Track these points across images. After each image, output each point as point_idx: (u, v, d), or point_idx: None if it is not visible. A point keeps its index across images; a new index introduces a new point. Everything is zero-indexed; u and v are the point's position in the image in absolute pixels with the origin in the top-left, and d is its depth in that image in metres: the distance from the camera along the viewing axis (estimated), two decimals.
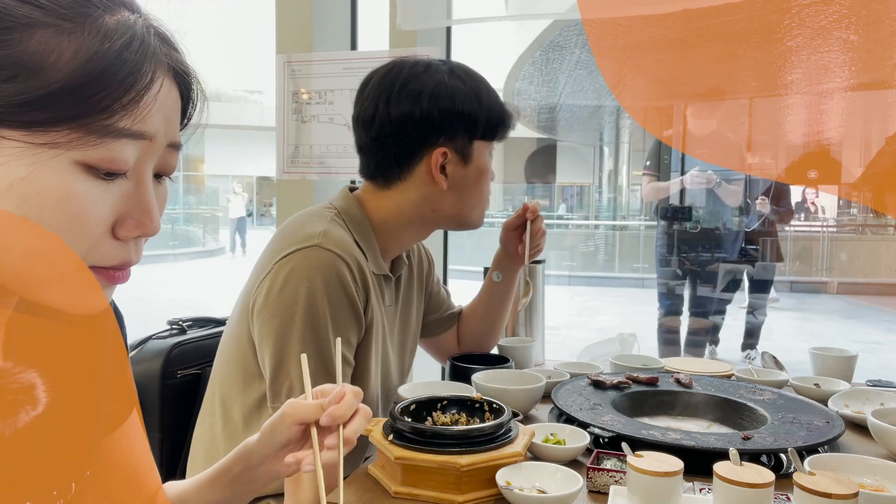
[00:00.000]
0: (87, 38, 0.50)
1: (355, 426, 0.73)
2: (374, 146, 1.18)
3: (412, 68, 1.16)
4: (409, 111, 1.14)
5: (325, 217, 1.16)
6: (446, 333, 1.51)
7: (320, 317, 1.07)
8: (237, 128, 19.00)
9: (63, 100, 0.48)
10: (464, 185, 1.19)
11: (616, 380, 1.28)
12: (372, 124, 1.16)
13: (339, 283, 1.08)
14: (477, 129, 1.17)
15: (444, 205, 1.20)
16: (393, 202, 1.20)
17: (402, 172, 1.18)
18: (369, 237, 1.19)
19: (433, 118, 1.14)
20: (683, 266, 4.07)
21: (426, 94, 1.13)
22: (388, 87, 1.15)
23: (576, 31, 6.43)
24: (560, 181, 17.71)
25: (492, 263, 1.47)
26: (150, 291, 9.40)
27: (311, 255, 1.08)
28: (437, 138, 1.15)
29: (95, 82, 0.49)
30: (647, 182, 4.26)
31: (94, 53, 0.49)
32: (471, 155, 1.19)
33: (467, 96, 1.15)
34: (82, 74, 0.49)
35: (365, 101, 1.17)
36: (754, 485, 0.77)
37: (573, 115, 13.06)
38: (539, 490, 0.90)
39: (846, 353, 1.51)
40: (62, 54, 0.49)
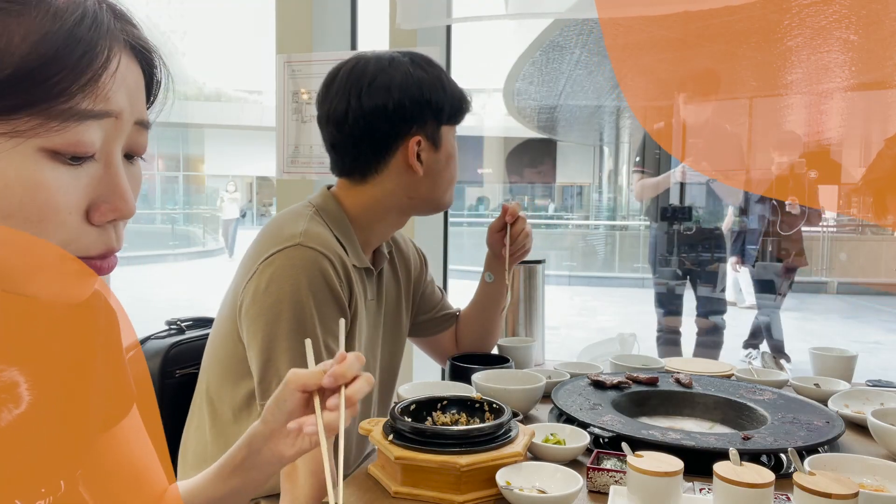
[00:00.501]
0: (37, 20, 0.48)
1: (357, 386, 0.72)
2: (349, 142, 1.20)
3: (377, 63, 1.18)
4: (381, 104, 1.16)
5: (305, 216, 1.18)
6: (443, 335, 1.51)
7: (306, 313, 1.08)
8: (237, 128, 18.99)
9: (18, 86, 0.47)
10: (436, 170, 1.23)
11: (616, 380, 1.28)
12: (345, 121, 1.18)
13: (323, 280, 1.10)
14: (443, 114, 1.21)
15: (420, 191, 1.23)
16: (369, 195, 1.22)
17: (378, 165, 1.21)
18: (348, 232, 1.21)
19: (405, 108, 1.17)
20: (683, 266, 3.78)
21: (395, 86, 1.16)
22: (357, 82, 1.17)
23: (576, 31, 6.43)
24: (560, 181, 17.70)
25: (484, 265, 1.48)
26: (150, 291, 9.40)
27: (294, 254, 1.10)
28: (409, 128, 1.18)
29: (50, 65, 0.48)
30: (638, 180, 3.93)
31: (45, 34, 0.48)
32: (440, 140, 1.23)
33: (432, 85, 1.19)
34: (35, 57, 0.47)
35: (334, 99, 1.20)
36: (754, 485, 0.77)
37: (573, 115, 13.06)
38: (539, 490, 0.90)
39: (846, 353, 1.51)
40: (11, 38, 0.47)
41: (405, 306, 1.40)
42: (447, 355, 1.48)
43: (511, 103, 11.28)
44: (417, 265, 1.44)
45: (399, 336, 1.39)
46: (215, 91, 23.04)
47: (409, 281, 1.41)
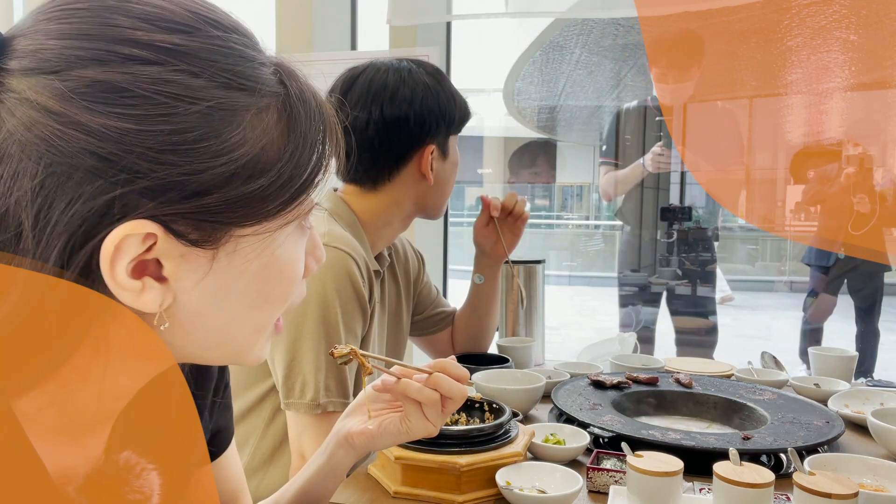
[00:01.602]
0: (287, 118, 0.50)
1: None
2: (366, 151, 1.22)
3: (396, 73, 1.21)
4: (404, 115, 1.18)
5: (321, 219, 1.19)
6: (441, 334, 1.51)
7: (331, 311, 1.09)
8: None
9: (294, 180, 0.49)
10: (444, 178, 1.27)
11: (616, 380, 1.28)
12: (366, 130, 1.20)
13: (349, 280, 1.12)
14: (453, 125, 1.25)
15: (427, 198, 1.26)
16: (380, 201, 1.24)
17: (391, 173, 1.23)
18: (360, 235, 1.22)
19: (424, 120, 1.19)
20: (683, 266, 3.06)
21: (417, 97, 1.19)
22: (379, 93, 1.19)
23: (576, 31, 6.42)
24: (560, 181, 17.69)
25: (473, 267, 1.49)
26: None
27: None
28: (425, 138, 1.21)
29: (308, 153, 0.50)
30: (605, 173, 3.12)
31: (299, 126, 0.50)
32: (448, 149, 1.26)
33: (445, 96, 1.22)
34: (299, 147, 0.49)
35: (354, 108, 1.21)
36: (754, 485, 0.77)
37: (573, 115, 13.05)
38: (539, 490, 0.90)
39: (846, 353, 1.51)
40: (273, 139, 0.48)
41: (405, 307, 1.41)
42: (445, 355, 1.48)
43: (511, 103, 11.27)
44: (415, 265, 1.45)
45: (401, 336, 1.40)
46: None
47: (408, 282, 1.42)
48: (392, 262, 1.37)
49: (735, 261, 9.48)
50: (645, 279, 3.14)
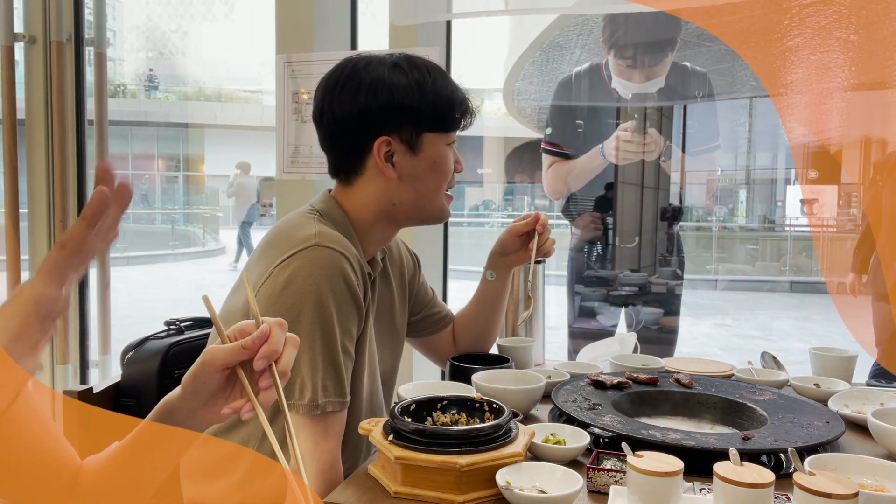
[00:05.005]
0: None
1: (287, 358, 0.71)
2: (328, 144, 1.22)
3: (355, 65, 1.19)
4: (349, 107, 1.17)
5: (312, 220, 1.18)
6: (439, 336, 1.51)
7: (326, 311, 1.09)
8: (237, 128, 18.98)
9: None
10: (416, 176, 1.21)
11: (616, 380, 1.28)
12: (321, 122, 1.20)
13: (342, 278, 1.11)
14: (423, 120, 1.19)
15: (402, 197, 1.22)
16: (357, 198, 1.23)
17: (357, 167, 1.21)
18: (351, 236, 1.21)
19: (372, 112, 1.16)
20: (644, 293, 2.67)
21: (364, 88, 1.16)
22: (332, 85, 1.19)
23: (576, 30, 6.42)
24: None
25: (486, 262, 1.48)
26: (150, 291, 9.40)
27: (312, 255, 1.10)
28: (378, 131, 1.17)
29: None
30: (549, 164, 2.52)
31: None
32: (420, 146, 1.20)
33: (408, 89, 1.17)
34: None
35: (315, 101, 1.22)
36: (754, 485, 0.77)
37: None
38: (539, 490, 0.90)
39: (846, 353, 1.51)
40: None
41: (400, 309, 1.39)
42: (444, 357, 1.48)
43: (511, 103, 11.26)
44: (411, 267, 1.44)
45: (397, 338, 1.39)
46: (215, 91, 23.04)
47: (402, 283, 1.40)
48: (385, 266, 1.35)
49: (735, 261, 9.47)
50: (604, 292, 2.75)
